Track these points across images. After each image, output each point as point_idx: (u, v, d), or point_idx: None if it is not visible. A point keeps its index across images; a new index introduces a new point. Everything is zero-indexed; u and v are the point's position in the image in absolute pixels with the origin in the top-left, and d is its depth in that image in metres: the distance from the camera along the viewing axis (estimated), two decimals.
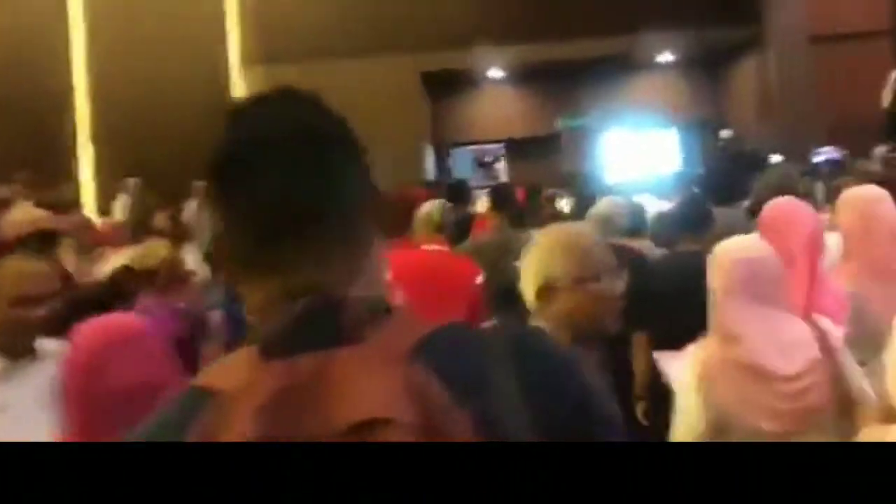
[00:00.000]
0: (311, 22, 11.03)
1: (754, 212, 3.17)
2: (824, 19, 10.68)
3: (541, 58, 11.34)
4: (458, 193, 5.85)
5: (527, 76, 12.55)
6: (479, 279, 3.02)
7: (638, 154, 13.12)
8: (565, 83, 12.51)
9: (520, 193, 6.93)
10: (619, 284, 1.69)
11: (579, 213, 4.88)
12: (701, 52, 11.90)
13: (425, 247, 3.29)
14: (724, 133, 9.51)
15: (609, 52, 11.25)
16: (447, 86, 12.40)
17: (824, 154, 7.45)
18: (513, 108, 13.07)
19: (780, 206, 2.44)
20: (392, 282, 2.00)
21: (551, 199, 6.99)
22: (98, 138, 10.64)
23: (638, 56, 11.85)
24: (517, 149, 13.12)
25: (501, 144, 13.36)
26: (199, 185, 8.49)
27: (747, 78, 11.95)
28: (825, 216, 2.96)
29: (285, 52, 10.78)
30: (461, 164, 13.04)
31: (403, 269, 2.55)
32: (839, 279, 2.32)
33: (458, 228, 3.81)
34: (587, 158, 12.59)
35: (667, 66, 12.59)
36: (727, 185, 4.63)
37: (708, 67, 12.64)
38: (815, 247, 2.27)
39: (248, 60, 11.30)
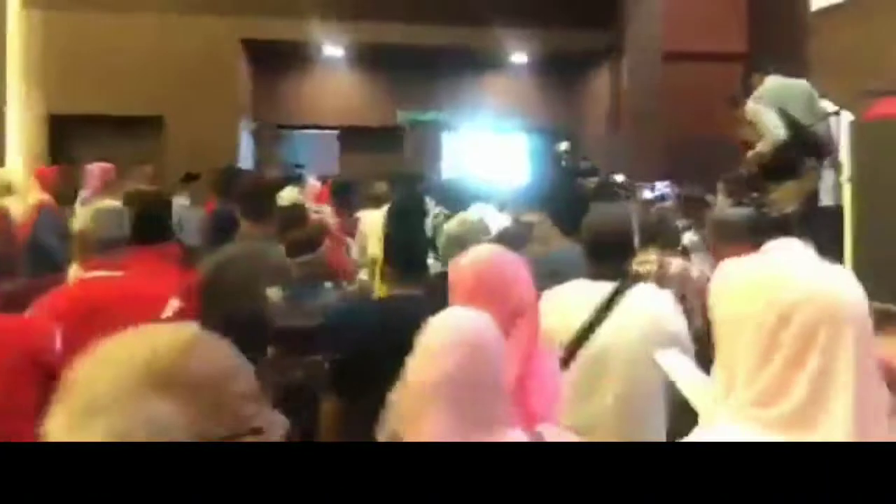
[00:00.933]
0: None
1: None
2: (679, 35, 10.49)
3: (384, 39, 10.29)
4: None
5: (367, 59, 11.44)
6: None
7: (482, 158, 12.49)
8: (410, 72, 11.54)
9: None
10: None
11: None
12: (556, 56, 11.36)
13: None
14: (563, 145, 8.97)
15: (460, 43, 10.43)
16: (274, 59, 11.02)
17: (658, 190, 6.62)
18: (350, 93, 11.90)
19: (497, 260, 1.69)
20: None
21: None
22: None
23: (490, 52, 11.11)
24: (351, 138, 11.99)
25: (334, 132, 12.16)
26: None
27: (600, 88, 11.59)
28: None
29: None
30: (301, 149, 11.59)
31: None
32: None
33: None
34: (428, 156, 11.78)
35: (520, 66, 11.94)
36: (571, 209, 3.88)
37: (562, 72, 12.16)
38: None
39: (27, 3, 9.38)
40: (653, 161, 9.66)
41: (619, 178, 7.06)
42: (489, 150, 12.85)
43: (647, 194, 6.19)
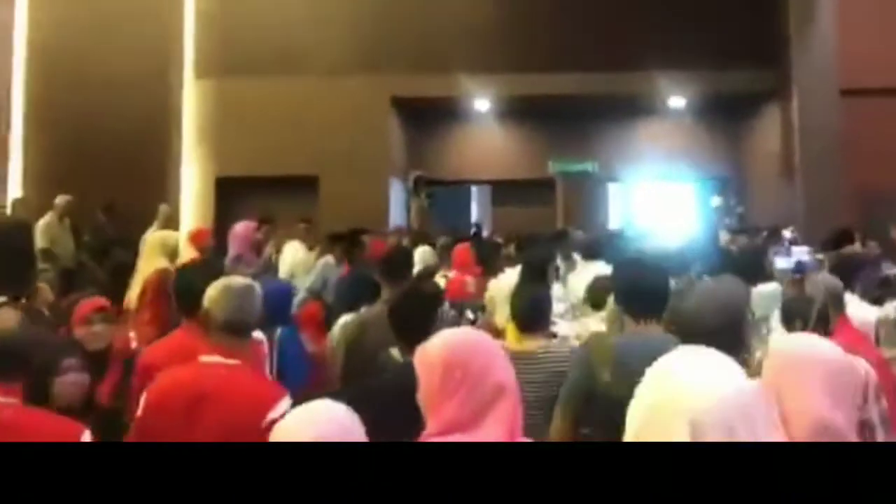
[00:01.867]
0: (267, 36, 10.11)
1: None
2: (853, 71, 9.63)
3: (533, 91, 10.29)
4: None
5: (518, 111, 11.48)
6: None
7: (640, 209, 12.06)
8: (561, 122, 11.43)
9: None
10: None
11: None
12: (716, 98, 10.80)
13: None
14: (715, 200, 8.30)
15: (612, 89, 10.20)
16: (424, 116, 11.35)
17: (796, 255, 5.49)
18: (501, 146, 11.97)
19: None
20: None
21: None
22: (30, 145, 9.66)
23: (645, 97, 10.78)
24: (503, 192, 12.01)
25: (486, 186, 12.26)
26: (165, 207, 8.24)
27: (767, 130, 10.85)
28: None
29: (239, 65, 9.94)
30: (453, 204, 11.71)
31: None
32: None
33: None
34: (581, 208, 11.53)
35: (678, 111, 11.47)
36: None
37: (724, 115, 11.53)
38: None
39: (201, 72, 10.36)
40: (832, 213, 8.77)
41: (788, 233, 6.40)
42: (647, 201, 12.40)
43: (781, 262, 5.01)
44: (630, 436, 1.72)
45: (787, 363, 1.48)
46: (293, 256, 7.19)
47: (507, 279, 4.74)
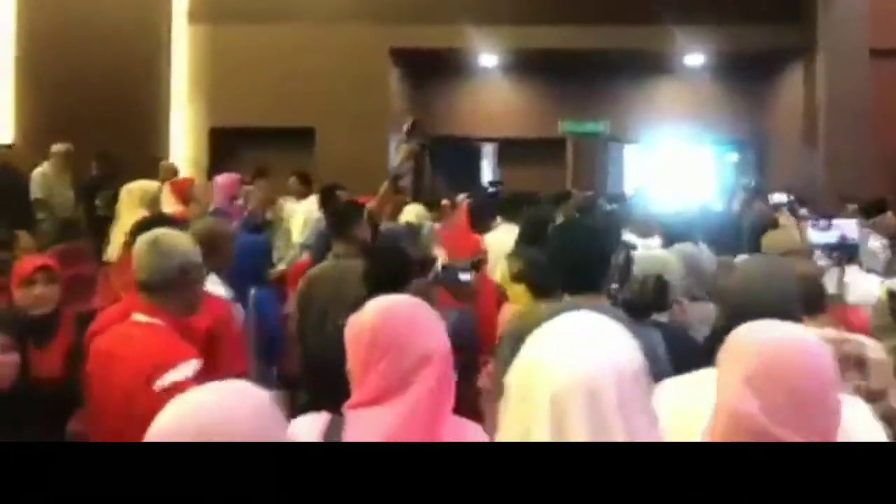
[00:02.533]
0: None
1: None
2: (883, 30, 9.18)
3: (544, 44, 9.88)
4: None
5: (526, 66, 11.07)
6: None
7: (652, 171, 11.72)
8: (572, 79, 11.03)
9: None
10: None
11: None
12: (737, 56, 10.37)
13: None
14: (732, 156, 7.91)
15: (627, 45, 9.79)
16: (426, 69, 10.94)
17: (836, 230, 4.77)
18: (508, 103, 11.58)
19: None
20: None
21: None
22: (20, 97, 9.40)
23: (662, 54, 10.35)
24: (509, 151, 11.66)
25: (491, 144, 11.90)
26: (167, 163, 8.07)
27: (790, 92, 10.43)
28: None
29: (233, 11, 9.58)
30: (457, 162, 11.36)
31: None
32: None
33: None
34: (592, 170, 11.21)
35: (696, 69, 11.04)
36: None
37: (744, 75, 11.10)
38: None
39: (194, 18, 9.99)
40: (856, 180, 8.42)
41: (782, 196, 5.99)
42: (662, 164, 12.04)
43: (819, 236, 4.32)
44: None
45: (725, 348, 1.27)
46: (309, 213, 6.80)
47: (503, 236, 4.54)
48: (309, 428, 1.52)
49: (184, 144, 10.18)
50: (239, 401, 1.09)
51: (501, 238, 4.52)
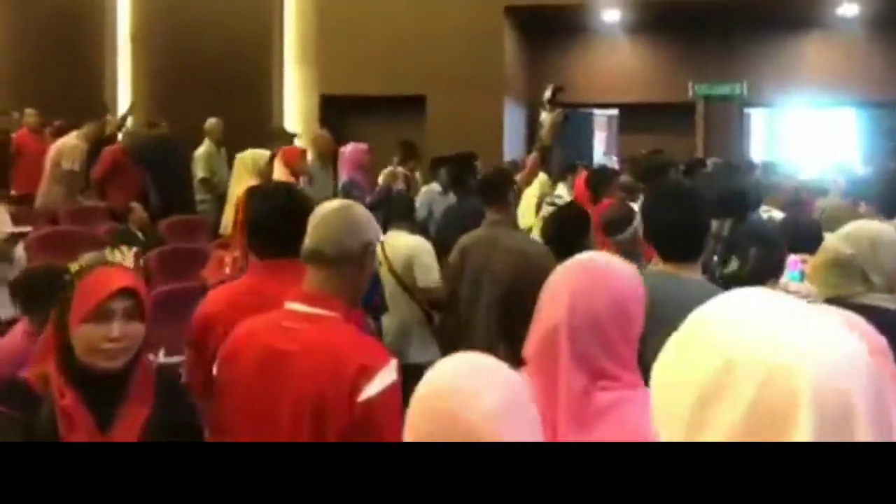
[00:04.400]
0: None
1: None
2: None
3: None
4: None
5: (652, 22, 10.50)
6: None
7: (796, 139, 10.99)
8: (704, 36, 10.39)
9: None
10: None
11: None
12: None
13: None
14: None
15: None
16: (543, 28, 10.56)
17: None
18: (632, 65, 11.05)
19: None
20: None
21: None
22: (136, 69, 9.84)
23: (807, 5, 9.57)
24: (633, 117, 11.16)
25: (613, 110, 11.44)
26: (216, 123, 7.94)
27: None
28: None
29: None
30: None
31: None
32: None
33: None
34: (727, 137, 10.59)
35: (847, 21, 10.15)
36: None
37: None
38: None
39: None
40: None
41: None
42: (805, 129, 11.27)
43: None
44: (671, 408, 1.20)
45: None
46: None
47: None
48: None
49: (294, 113, 10.32)
50: (491, 377, 1.14)
51: None
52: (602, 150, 11.29)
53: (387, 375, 1.68)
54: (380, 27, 9.66)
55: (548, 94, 5.87)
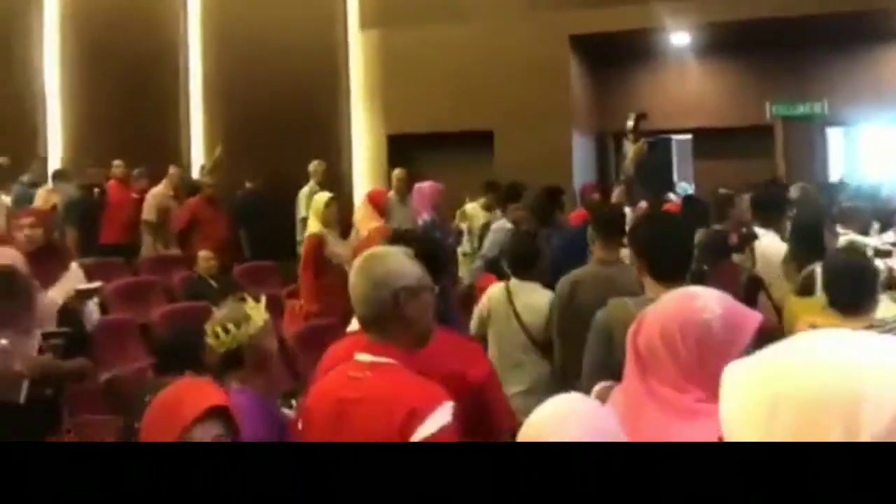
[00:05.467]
0: None
1: None
2: None
3: (743, 16, 9.09)
4: None
5: (724, 43, 10.26)
6: None
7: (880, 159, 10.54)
8: (780, 54, 10.09)
9: None
10: None
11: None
12: None
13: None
14: None
15: (845, 9, 8.77)
16: (609, 55, 10.44)
17: None
18: (705, 87, 10.81)
19: None
20: None
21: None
22: (207, 111, 10.20)
23: (888, 17, 9.20)
24: (708, 141, 10.88)
25: (687, 135, 11.17)
26: (318, 164, 8.41)
27: None
28: None
29: (404, 14, 9.69)
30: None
31: None
32: None
33: None
34: (807, 160, 10.22)
35: None
36: None
37: None
38: None
39: (366, 22, 10.25)
40: None
41: None
42: (888, 148, 10.80)
43: None
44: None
45: None
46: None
47: (771, 245, 4.15)
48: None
49: (361, 153, 10.45)
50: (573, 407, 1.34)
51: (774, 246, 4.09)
52: (676, 178, 11.03)
53: (441, 416, 1.73)
54: (443, 63, 9.72)
55: (630, 122, 5.77)
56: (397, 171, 7.86)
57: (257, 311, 2.38)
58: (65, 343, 2.98)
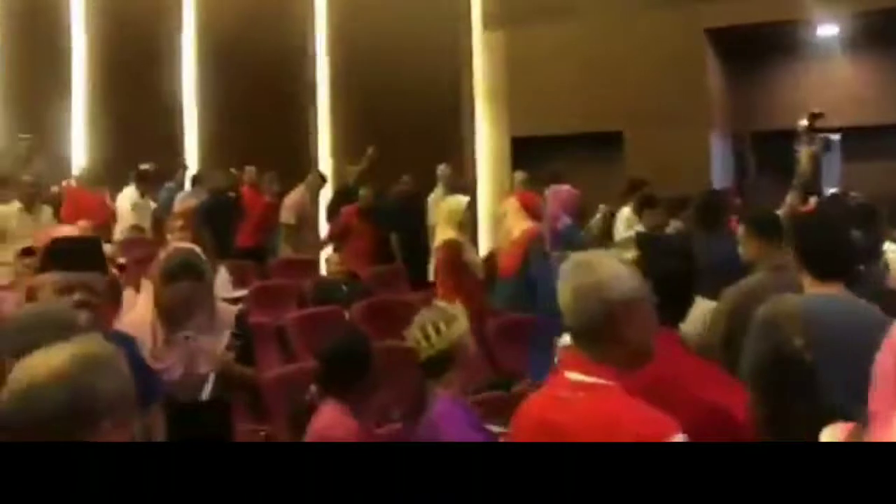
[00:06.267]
0: None
1: None
2: None
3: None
4: None
5: (879, 35, 9.52)
6: None
7: None
8: None
9: None
10: None
11: None
12: None
13: None
14: None
15: None
16: (749, 50, 9.88)
17: None
18: (855, 83, 10.07)
19: None
20: None
21: None
22: (334, 116, 10.43)
23: None
24: (859, 142, 10.14)
25: (835, 135, 10.44)
26: (446, 168, 8.52)
27: None
28: None
29: (527, 12, 9.61)
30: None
31: None
32: None
33: None
34: None
35: None
36: None
37: None
38: None
39: (489, 23, 10.16)
40: None
41: None
42: None
43: None
44: None
45: None
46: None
47: None
48: None
49: (485, 157, 10.35)
50: None
51: None
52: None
53: None
54: (569, 62, 9.48)
55: (803, 121, 5.38)
56: (519, 174, 7.71)
57: (460, 311, 2.42)
58: (241, 349, 2.95)
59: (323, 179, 8.36)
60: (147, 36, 10.62)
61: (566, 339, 2.23)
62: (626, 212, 6.65)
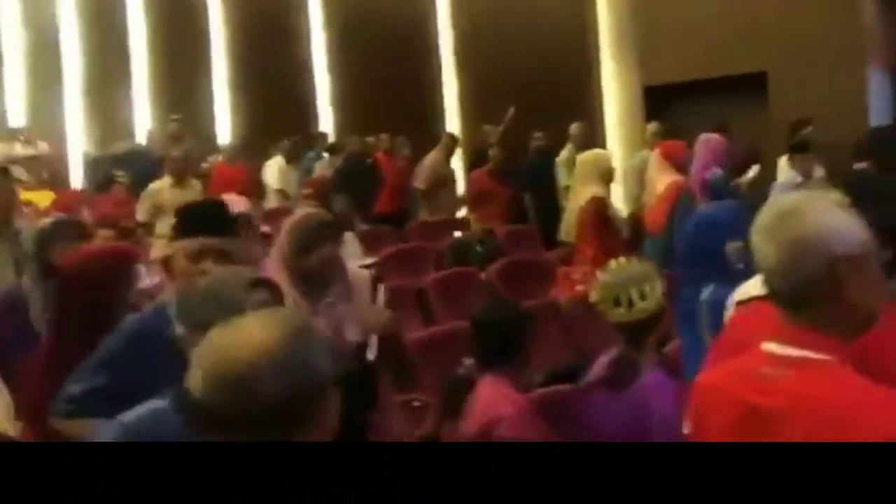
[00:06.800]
0: None
1: None
2: None
3: None
4: None
5: None
6: None
7: None
8: None
9: None
10: None
11: None
12: None
13: None
14: None
15: None
16: None
17: None
18: None
19: None
20: None
21: None
22: (460, 77, 10.47)
23: None
24: None
25: None
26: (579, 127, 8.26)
27: None
28: None
29: None
30: None
31: None
32: None
33: None
34: None
35: None
36: None
37: None
38: None
39: None
40: None
41: None
42: None
43: None
44: None
45: None
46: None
47: None
48: None
49: (615, 109, 10.02)
50: None
51: None
52: None
53: None
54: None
55: None
56: (652, 126, 7.42)
57: (653, 271, 2.30)
58: None
59: (455, 141, 8.40)
60: (278, 9, 10.96)
61: (733, 297, 2.09)
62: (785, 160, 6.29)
